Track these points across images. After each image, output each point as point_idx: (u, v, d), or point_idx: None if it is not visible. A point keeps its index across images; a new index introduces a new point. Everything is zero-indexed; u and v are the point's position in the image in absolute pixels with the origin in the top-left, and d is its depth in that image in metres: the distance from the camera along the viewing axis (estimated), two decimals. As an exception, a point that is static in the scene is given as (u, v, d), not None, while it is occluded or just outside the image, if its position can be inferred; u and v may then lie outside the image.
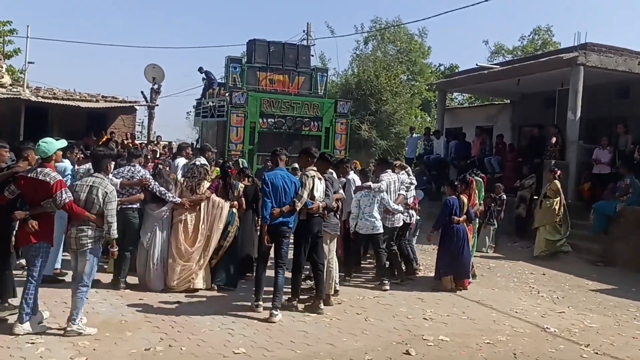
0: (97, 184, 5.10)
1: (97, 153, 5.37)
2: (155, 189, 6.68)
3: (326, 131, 15.94)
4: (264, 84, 16.22)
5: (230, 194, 7.18)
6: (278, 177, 6.01)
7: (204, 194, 6.93)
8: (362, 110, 23.12)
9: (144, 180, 6.70)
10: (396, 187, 8.02)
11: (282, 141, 15.43)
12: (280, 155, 6.25)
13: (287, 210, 5.95)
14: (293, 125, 15.43)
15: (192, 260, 6.73)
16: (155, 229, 6.70)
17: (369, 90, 23.47)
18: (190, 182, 6.95)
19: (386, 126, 23.41)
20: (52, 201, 4.86)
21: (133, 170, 6.82)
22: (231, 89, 15.44)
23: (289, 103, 15.58)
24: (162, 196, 6.67)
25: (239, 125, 15.02)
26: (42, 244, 4.92)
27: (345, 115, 16.21)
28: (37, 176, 4.90)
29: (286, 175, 6.09)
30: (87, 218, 4.96)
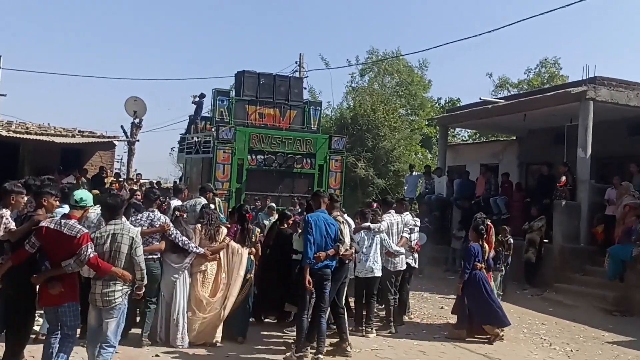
0: (119, 231, 5.03)
1: (114, 201, 5.27)
2: (178, 238, 6.68)
3: (320, 169, 15.99)
4: (253, 118, 16.32)
5: (248, 239, 7.33)
6: (320, 220, 6.40)
7: (224, 241, 7.04)
8: (358, 146, 23.19)
9: (166, 227, 6.64)
10: (399, 229, 8.17)
11: (273, 179, 15.50)
12: (323, 197, 6.63)
13: (332, 254, 6.36)
14: (284, 162, 15.46)
15: (213, 312, 6.81)
16: (177, 281, 6.73)
17: (366, 125, 23.57)
18: (209, 229, 7.02)
19: (384, 164, 23.42)
20: (76, 259, 4.76)
21: (152, 217, 6.74)
22: (218, 124, 15.49)
23: (280, 139, 15.64)
24: (184, 246, 6.68)
25: (226, 162, 15.07)
26: (71, 304, 4.86)
27: (340, 152, 16.32)
28: (61, 228, 4.82)
29: (327, 218, 6.49)
30: (115, 274, 4.88)
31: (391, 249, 7.90)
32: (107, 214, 5.22)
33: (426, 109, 29.74)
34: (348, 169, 20.60)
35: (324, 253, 6.30)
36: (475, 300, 7.72)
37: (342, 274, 6.78)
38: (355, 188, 22.29)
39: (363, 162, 22.70)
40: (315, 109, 17.27)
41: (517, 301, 10.77)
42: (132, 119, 20.35)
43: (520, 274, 12.09)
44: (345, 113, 25.97)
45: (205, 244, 6.99)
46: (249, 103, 16.37)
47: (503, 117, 15.01)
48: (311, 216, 6.44)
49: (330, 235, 6.45)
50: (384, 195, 13.89)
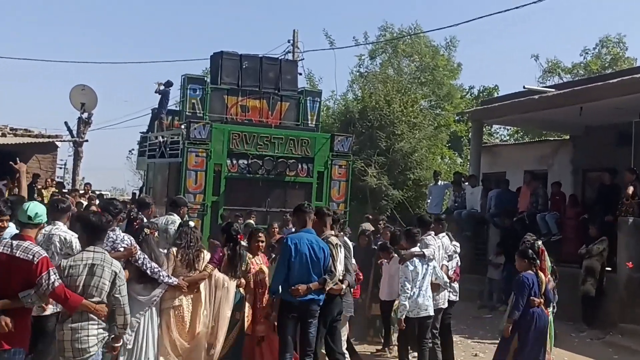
0: (99, 261, 5.07)
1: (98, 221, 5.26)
2: (146, 264, 6.73)
3: (319, 177, 16.03)
4: (233, 112, 16.37)
5: (237, 268, 7.42)
6: (304, 242, 6.54)
7: (205, 269, 7.12)
8: (368, 148, 23.18)
9: (133, 251, 6.67)
10: (441, 255, 8.64)
11: (259, 191, 15.57)
12: (308, 213, 6.76)
13: (315, 288, 6.53)
14: (273, 168, 15.51)
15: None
16: (143, 319, 6.77)
17: (378, 121, 23.58)
18: (187, 253, 7.12)
19: (401, 170, 23.40)
20: (37, 289, 4.73)
21: (114, 238, 6.73)
22: (188, 119, 15.55)
23: (268, 138, 15.70)
24: (153, 275, 6.75)
25: (199, 168, 15.12)
26: (18, 350, 4.80)
27: (346, 155, 16.34)
28: (13, 252, 4.82)
29: (314, 240, 6.64)
30: (87, 308, 4.88)
31: (441, 281, 8.23)
32: (86, 237, 5.24)
33: (455, 101, 29.79)
34: (355, 176, 20.53)
35: (304, 286, 6.46)
36: (530, 346, 7.65)
37: (334, 309, 6.94)
38: (365, 201, 22.20)
39: (374, 168, 22.70)
40: (314, 100, 17.28)
41: (572, 347, 10.70)
42: (79, 113, 20.39)
43: (576, 311, 12.07)
44: (352, 105, 25.96)
45: (181, 272, 7.05)
46: (228, 93, 16.39)
47: (553, 110, 15.02)
48: (292, 237, 6.57)
49: (317, 262, 6.58)
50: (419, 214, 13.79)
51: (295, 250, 6.51)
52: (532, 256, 7.96)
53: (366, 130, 23.55)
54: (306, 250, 6.54)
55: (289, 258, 6.51)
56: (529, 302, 7.64)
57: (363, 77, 28.96)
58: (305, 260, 6.54)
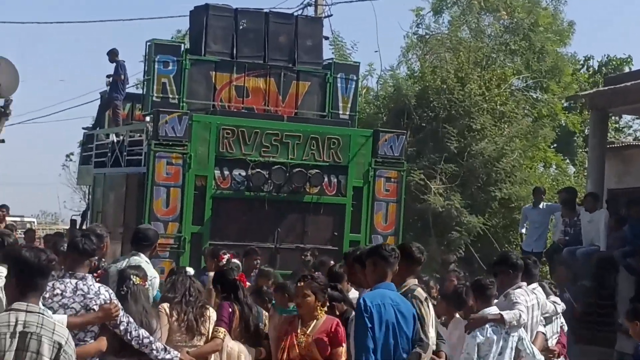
0: (34, 327, 5.08)
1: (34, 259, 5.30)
2: (131, 332, 6.88)
3: (356, 195, 16.12)
4: (225, 97, 16.53)
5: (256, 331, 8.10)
6: (388, 305, 6.80)
7: (216, 335, 7.60)
8: (430, 150, 23.00)
9: (112, 311, 6.77)
10: (536, 318, 8.91)
11: (264, 216, 15.65)
12: (391, 262, 7.00)
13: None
14: (286, 182, 15.58)
15: None
16: None
17: (445, 109, 23.40)
18: (186, 311, 7.62)
19: (482, 185, 23.16)
20: None
21: (85, 290, 6.83)
22: (156, 108, 15.65)
23: (279, 137, 15.78)
24: (142, 348, 6.92)
25: (172, 182, 15.21)
26: None
27: (396, 163, 16.43)
28: None
29: (400, 301, 6.95)
30: None
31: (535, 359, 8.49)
32: (14, 287, 5.27)
33: (564, 79, 29.35)
34: (411, 194, 20.48)
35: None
36: None
37: None
38: (426, 231, 22.15)
39: (440, 181, 22.53)
40: (348, 78, 17.37)
41: None
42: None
43: None
44: (405, 86, 25.35)
45: (179, 340, 7.47)
46: (217, 67, 16.53)
47: None
48: (372, 298, 6.76)
49: (405, 331, 6.86)
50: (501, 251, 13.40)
51: (379, 319, 6.73)
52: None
53: (428, 124, 23.53)
54: (392, 316, 6.81)
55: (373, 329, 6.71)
56: None
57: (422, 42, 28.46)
58: (393, 332, 6.79)
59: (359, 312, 6.80)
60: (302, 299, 7.50)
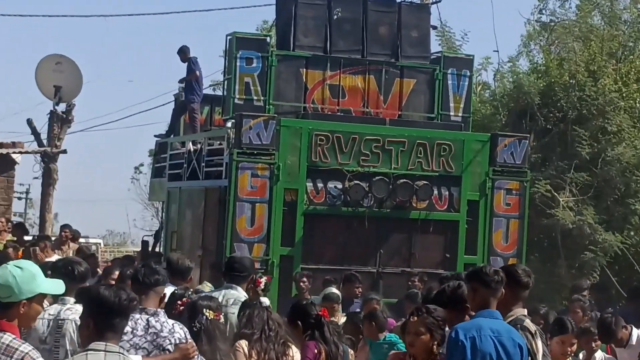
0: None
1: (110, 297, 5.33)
2: None
3: (471, 210, 16.13)
4: (318, 98, 16.61)
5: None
6: (486, 336, 6.69)
7: None
8: (556, 158, 22.79)
9: (189, 351, 6.92)
10: None
11: (364, 235, 15.71)
12: (489, 283, 6.91)
13: None
14: (390, 196, 15.62)
15: None
16: None
17: (575, 108, 23.15)
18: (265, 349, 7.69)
19: (619, 198, 22.80)
20: None
21: (158, 327, 6.99)
22: (239, 111, 15.76)
23: (380, 143, 15.80)
24: None
25: (258, 197, 15.33)
26: None
27: (519, 172, 16.37)
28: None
29: (504, 332, 6.83)
30: None
31: None
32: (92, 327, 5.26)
33: None
34: (536, 209, 20.40)
35: None
36: None
37: None
38: (554, 252, 21.88)
39: (570, 193, 22.21)
40: (460, 74, 17.44)
41: None
42: (52, 104, 20.65)
43: None
44: (527, 82, 25.09)
45: None
46: (308, 64, 16.66)
47: None
48: (465, 329, 6.70)
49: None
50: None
51: (473, 351, 6.62)
52: None
53: (554, 126, 23.32)
54: (492, 349, 6.68)
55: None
56: None
57: (547, 31, 28.17)
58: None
59: (450, 345, 6.74)
60: (414, 337, 7.15)
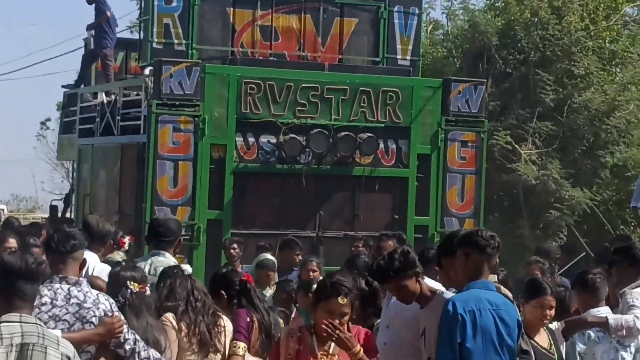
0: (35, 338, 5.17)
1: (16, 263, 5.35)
2: (140, 352, 7.01)
3: (422, 166, 16.23)
4: (247, 41, 16.63)
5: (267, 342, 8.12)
6: (485, 310, 6.81)
7: (235, 352, 7.73)
8: (517, 105, 22.82)
9: (115, 326, 6.84)
10: None
11: (302, 196, 15.90)
12: (484, 247, 6.95)
13: None
14: (330, 150, 15.71)
15: None
16: None
17: (537, 49, 23.21)
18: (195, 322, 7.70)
19: (587, 149, 23.00)
20: None
21: (80, 298, 6.92)
22: (158, 57, 15.70)
23: (319, 91, 15.82)
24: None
25: (181, 154, 15.34)
26: None
27: (474, 121, 16.52)
28: None
29: (500, 303, 6.98)
30: None
31: None
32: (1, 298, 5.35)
33: None
34: (495, 163, 20.67)
35: None
36: None
37: None
38: (515, 211, 22.12)
39: (533, 144, 22.40)
40: (407, 12, 17.46)
41: None
42: None
43: None
44: (484, 21, 25.19)
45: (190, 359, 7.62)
46: (235, 2, 16.66)
47: None
48: (463, 301, 6.80)
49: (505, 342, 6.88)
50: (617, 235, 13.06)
51: (474, 327, 6.70)
52: None
53: (515, 70, 23.44)
54: (492, 324, 6.79)
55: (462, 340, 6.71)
56: None
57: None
58: (492, 344, 6.78)
59: (446, 320, 6.76)
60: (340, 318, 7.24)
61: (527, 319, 8.04)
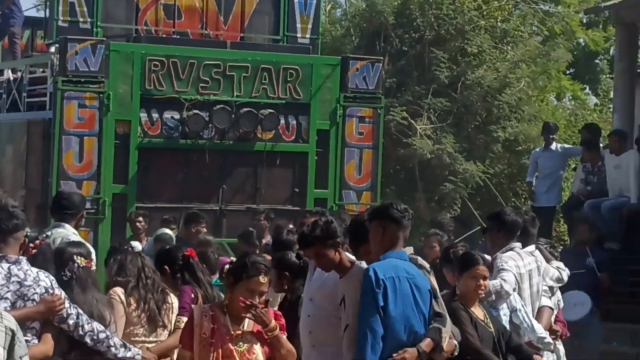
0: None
1: None
2: (83, 327, 6.96)
3: (321, 141, 16.37)
4: (151, 19, 16.57)
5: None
6: (402, 276, 6.97)
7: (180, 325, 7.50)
8: (413, 82, 23.07)
9: (55, 303, 6.82)
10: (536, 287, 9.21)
11: (205, 170, 15.90)
12: (399, 219, 7.12)
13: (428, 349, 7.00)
14: (232, 126, 15.79)
15: None
16: None
17: (432, 28, 23.39)
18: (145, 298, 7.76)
19: (480, 124, 23.25)
20: None
21: (21, 276, 6.88)
22: (63, 35, 15.53)
23: (221, 68, 15.90)
24: (96, 346, 7.04)
25: (87, 130, 15.26)
26: None
27: (372, 98, 16.58)
28: None
29: (414, 272, 7.14)
30: None
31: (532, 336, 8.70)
32: None
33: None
34: (392, 138, 20.81)
35: (413, 350, 6.88)
36: None
37: None
38: (411, 184, 22.30)
39: (428, 120, 22.65)
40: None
41: None
42: None
43: None
44: (381, 1, 25.36)
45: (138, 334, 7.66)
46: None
47: None
48: (383, 269, 6.87)
49: (421, 309, 7.07)
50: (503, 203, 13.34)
51: (394, 293, 6.85)
52: None
53: (410, 48, 23.55)
54: (409, 292, 6.95)
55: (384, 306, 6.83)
56: None
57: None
58: (410, 308, 6.96)
59: (369, 287, 6.82)
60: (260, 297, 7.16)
61: (463, 291, 8.17)
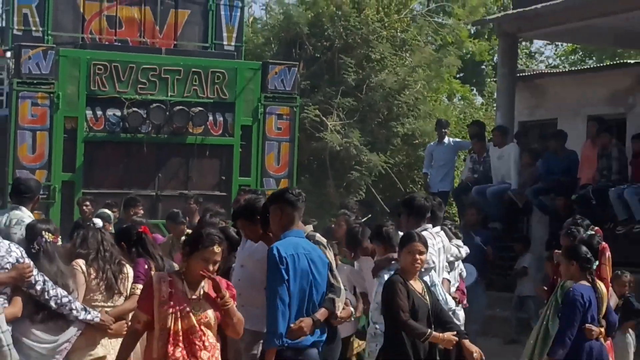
0: None
1: None
2: (49, 292, 7.12)
3: (244, 135, 16.81)
4: (96, 28, 16.82)
5: None
6: (300, 253, 7.12)
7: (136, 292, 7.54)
8: (324, 84, 23.35)
9: (25, 271, 7.01)
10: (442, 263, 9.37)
11: (143, 160, 16.42)
12: (295, 202, 7.33)
13: (324, 317, 7.09)
14: (167, 123, 16.22)
15: None
16: None
17: (341, 37, 23.65)
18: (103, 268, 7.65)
19: (382, 121, 23.63)
20: None
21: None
22: (18, 43, 16.00)
23: (157, 72, 16.32)
24: (60, 309, 7.17)
25: (39, 125, 15.70)
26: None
27: (288, 98, 17.07)
28: None
29: (310, 248, 7.25)
30: None
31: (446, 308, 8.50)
32: None
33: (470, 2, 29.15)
34: (306, 133, 21.08)
35: (308, 320, 7.00)
36: None
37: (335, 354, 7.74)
38: (323, 172, 22.68)
39: (337, 117, 22.90)
40: (232, 5, 17.84)
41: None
42: None
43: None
44: (296, 13, 25.49)
45: (98, 300, 7.58)
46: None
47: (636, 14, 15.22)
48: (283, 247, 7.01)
49: (317, 281, 7.17)
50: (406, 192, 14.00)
51: (294, 268, 6.97)
52: (587, 256, 8.27)
53: (322, 55, 23.77)
54: (306, 266, 7.05)
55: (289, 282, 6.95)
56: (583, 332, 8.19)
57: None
58: (308, 282, 7.06)
59: (274, 263, 6.93)
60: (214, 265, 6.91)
61: (402, 265, 7.94)
